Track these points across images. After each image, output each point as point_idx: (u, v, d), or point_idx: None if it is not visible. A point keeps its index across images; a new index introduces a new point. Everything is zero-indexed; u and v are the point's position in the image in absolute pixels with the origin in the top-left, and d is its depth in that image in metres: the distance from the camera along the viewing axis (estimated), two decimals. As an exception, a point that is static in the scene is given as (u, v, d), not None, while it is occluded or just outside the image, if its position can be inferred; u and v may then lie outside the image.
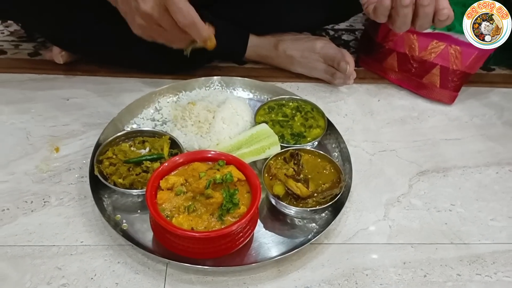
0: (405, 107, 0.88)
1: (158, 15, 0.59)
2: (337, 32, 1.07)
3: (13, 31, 1.01)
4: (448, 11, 0.62)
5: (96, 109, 0.82)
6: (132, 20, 0.61)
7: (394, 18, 0.64)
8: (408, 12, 0.62)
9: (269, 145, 0.69)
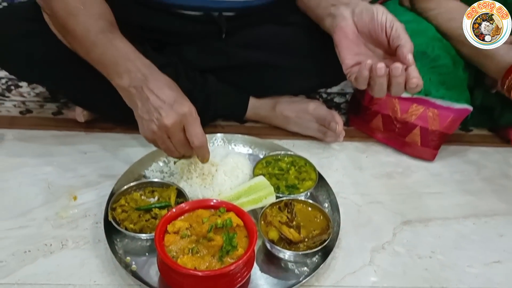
0: (391, 163, 0.96)
1: (174, 131, 0.70)
2: (329, 95, 1.18)
3: (39, 92, 1.12)
4: (417, 80, 0.69)
5: (111, 162, 0.90)
6: (147, 126, 0.72)
7: (372, 86, 0.72)
8: (383, 82, 0.70)
9: (266, 195, 0.77)
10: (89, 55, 0.75)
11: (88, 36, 0.74)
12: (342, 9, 0.76)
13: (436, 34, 0.96)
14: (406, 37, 0.71)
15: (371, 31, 0.74)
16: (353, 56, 0.75)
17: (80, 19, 0.75)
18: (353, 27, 0.75)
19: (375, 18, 0.73)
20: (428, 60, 0.94)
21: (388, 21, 0.72)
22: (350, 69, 0.75)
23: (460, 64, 0.97)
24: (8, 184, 0.84)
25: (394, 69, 0.68)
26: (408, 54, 0.69)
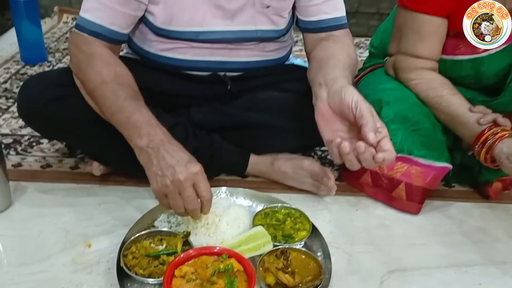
0: (379, 216, 1.04)
1: (186, 186, 0.79)
2: (324, 152, 1.28)
3: (58, 148, 1.23)
4: (383, 155, 0.74)
5: (124, 212, 0.99)
6: (161, 181, 0.80)
7: (345, 162, 0.79)
8: (351, 158, 0.77)
9: (264, 243, 0.85)
10: (114, 118, 0.86)
11: (117, 102, 0.86)
12: (322, 90, 0.85)
13: (417, 101, 1.07)
14: (369, 117, 0.76)
15: (341, 110, 0.81)
16: (330, 131, 0.83)
17: (111, 86, 0.87)
18: (328, 108, 0.83)
19: (343, 99, 0.80)
20: (410, 123, 1.04)
21: (353, 102, 0.78)
22: (328, 143, 0.83)
23: (439, 128, 1.08)
24: (30, 232, 0.93)
25: (358, 147, 0.75)
26: (369, 133, 0.74)
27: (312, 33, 1.05)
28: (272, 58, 1.11)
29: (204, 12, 0.98)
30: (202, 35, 1.00)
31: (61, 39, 2.08)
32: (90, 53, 0.91)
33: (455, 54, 1.07)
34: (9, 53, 1.85)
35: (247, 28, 1.02)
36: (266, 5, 1.00)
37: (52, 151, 1.22)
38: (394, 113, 1.04)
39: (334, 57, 0.95)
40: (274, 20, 1.03)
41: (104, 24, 0.92)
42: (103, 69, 0.89)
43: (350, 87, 0.82)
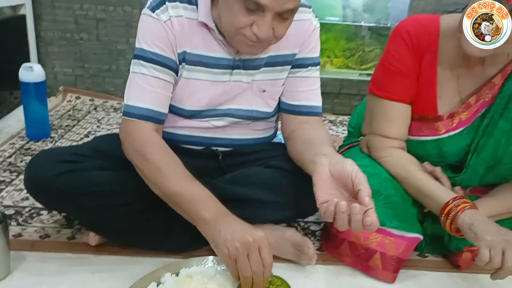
0: (357, 284, 1.10)
1: (254, 249, 0.89)
2: (306, 223, 1.36)
3: (56, 219, 1.30)
4: (371, 219, 0.85)
5: (115, 281, 1.04)
6: (230, 244, 0.90)
7: (336, 220, 0.89)
8: (344, 217, 0.86)
9: (248, 310, 0.91)
10: (178, 197, 0.99)
11: (179, 183, 0.99)
12: (322, 158, 0.97)
13: (388, 176, 1.19)
14: (366, 185, 0.88)
15: (341, 177, 0.93)
16: (325, 195, 0.93)
17: (170, 169, 1.00)
18: (328, 173, 0.94)
19: (345, 168, 0.92)
20: (382, 197, 1.15)
21: (354, 171, 0.91)
22: (322, 204, 0.92)
23: (409, 201, 1.18)
24: (27, 300, 0.98)
25: (353, 208, 0.86)
26: (366, 197, 0.86)
27: (292, 114, 1.20)
28: (260, 136, 1.25)
29: (211, 96, 1.13)
30: (205, 112, 1.15)
31: (64, 116, 2.23)
32: (143, 140, 1.04)
33: (420, 136, 1.21)
34: (15, 129, 1.97)
35: (245, 108, 1.17)
36: (263, 90, 1.17)
37: (51, 222, 1.30)
38: (368, 187, 1.15)
39: (321, 137, 1.10)
40: (268, 103, 1.19)
41: (152, 107, 1.06)
42: (159, 154, 1.02)
43: (350, 160, 0.94)
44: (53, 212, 1.34)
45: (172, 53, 1.06)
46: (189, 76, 1.11)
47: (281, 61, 1.16)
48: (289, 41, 1.11)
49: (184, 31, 1.06)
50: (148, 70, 1.05)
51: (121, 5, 2.38)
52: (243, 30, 0.97)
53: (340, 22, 2.62)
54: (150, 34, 1.05)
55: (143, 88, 1.05)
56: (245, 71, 1.13)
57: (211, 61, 1.10)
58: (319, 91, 1.22)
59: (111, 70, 2.50)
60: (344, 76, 2.54)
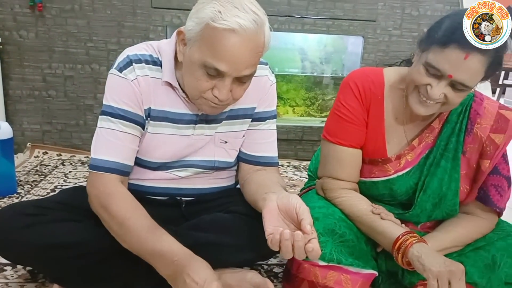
0: (317, 323, 1.15)
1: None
2: (270, 266, 1.41)
3: (20, 274, 1.30)
4: (312, 245, 0.91)
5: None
6: None
7: (281, 248, 0.95)
8: (288, 244, 0.91)
9: None
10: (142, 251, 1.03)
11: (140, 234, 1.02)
12: (271, 195, 1.04)
13: (342, 216, 1.25)
14: (308, 215, 0.96)
15: (287, 209, 1.00)
16: (273, 226, 0.99)
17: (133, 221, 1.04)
18: (276, 207, 1.02)
19: (290, 201, 1.00)
20: (337, 236, 1.20)
21: (298, 204, 0.99)
22: (269, 235, 0.98)
23: (362, 239, 1.24)
24: None
25: (295, 235, 0.93)
26: (307, 225, 0.93)
27: (250, 164, 1.28)
28: (223, 185, 1.33)
29: (176, 149, 1.20)
30: (170, 164, 1.21)
31: (31, 171, 2.24)
32: (108, 193, 1.07)
33: (371, 177, 1.30)
34: None
35: (207, 159, 1.25)
36: (225, 141, 1.25)
37: (15, 277, 1.29)
38: (323, 227, 1.21)
39: (273, 180, 1.19)
40: (229, 153, 1.27)
41: (119, 160, 1.10)
42: (123, 206, 1.06)
43: (295, 195, 1.03)
44: (17, 267, 1.34)
45: (139, 109, 1.14)
46: (155, 131, 1.18)
47: (242, 114, 1.25)
48: (248, 96, 1.19)
49: (149, 89, 1.14)
50: (116, 125, 1.11)
51: (88, 63, 2.47)
52: (205, 94, 1.06)
53: (299, 73, 2.79)
54: (118, 92, 1.12)
55: (111, 142, 1.11)
56: (207, 125, 1.22)
57: (175, 116, 1.18)
58: (275, 142, 1.32)
59: (79, 125, 2.55)
60: (305, 124, 2.67)
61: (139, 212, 1.07)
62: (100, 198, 1.08)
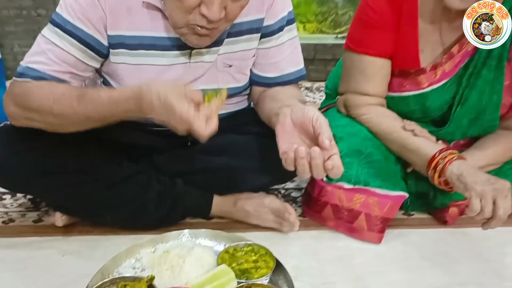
0: (342, 248, 1.06)
1: None
2: (287, 190, 1.32)
3: (21, 203, 1.22)
4: (333, 163, 0.79)
5: (88, 262, 0.97)
6: None
7: (297, 167, 0.84)
8: (304, 163, 0.81)
9: (227, 281, 0.85)
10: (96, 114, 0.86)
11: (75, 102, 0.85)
12: (285, 109, 0.91)
13: (368, 135, 1.14)
14: (326, 128, 0.84)
15: (302, 123, 0.87)
16: (287, 144, 0.87)
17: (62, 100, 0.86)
18: (290, 122, 0.89)
19: (305, 113, 0.87)
20: (363, 156, 1.10)
21: (314, 116, 0.86)
22: (283, 154, 0.87)
23: (391, 159, 1.14)
24: (-12, 290, 0.91)
25: (312, 152, 0.81)
26: (326, 139, 0.81)
27: (264, 87, 1.11)
28: (232, 110, 1.16)
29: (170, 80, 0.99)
30: None
31: (27, 98, 2.10)
32: (22, 93, 0.90)
33: (401, 91, 1.16)
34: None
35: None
36: (229, 65, 1.05)
37: (15, 206, 1.21)
38: (347, 147, 1.10)
39: (290, 94, 1.05)
40: (236, 78, 1.08)
41: (52, 74, 0.91)
42: (41, 94, 0.87)
43: (311, 106, 0.89)
44: (16, 195, 1.25)
45: (98, 32, 0.93)
46: (138, 61, 0.98)
47: (246, 29, 1.03)
48: (251, 5, 0.97)
49: (123, 9, 0.92)
50: (61, 41, 0.91)
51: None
52: (191, 16, 0.86)
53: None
54: (76, 4, 0.90)
55: (48, 57, 0.91)
56: (206, 49, 1.00)
57: (164, 42, 0.97)
58: (297, 51, 1.12)
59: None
60: (318, 41, 2.47)
61: (60, 89, 0.88)
62: (18, 102, 0.90)
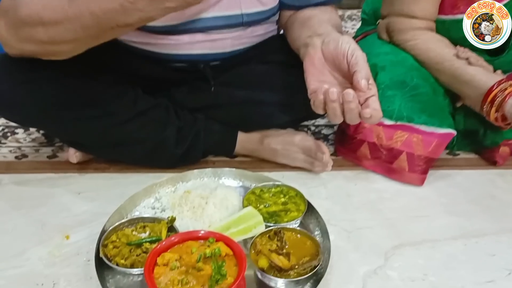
0: (379, 190, 0.97)
1: None
2: (317, 127, 1.21)
3: (35, 138, 1.15)
4: (370, 111, 0.69)
5: (104, 200, 0.92)
6: None
7: (327, 110, 0.73)
8: (335, 106, 0.71)
9: (255, 225, 0.78)
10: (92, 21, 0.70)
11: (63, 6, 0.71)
12: (315, 39, 0.79)
13: (414, 64, 1.00)
14: (364, 65, 0.72)
15: (335, 58, 0.76)
16: (317, 82, 0.76)
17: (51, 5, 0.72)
18: (320, 55, 0.78)
19: (339, 46, 0.75)
20: (408, 88, 0.97)
21: (350, 49, 0.74)
22: (312, 94, 0.76)
23: (440, 91, 1.00)
24: (3, 227, 0.86)
25: (346, 94, 0.69)
26: (362, 80, 0.70)
27: (294, 9, 0.97)
28: (259, 41, 1.03)
29: None
30: (182, 26, 0.90)
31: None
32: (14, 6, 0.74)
33: (454, 14, 0.99)
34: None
35: (232, 13, 0.92)
36: None
37: (28, 141, 1.14)
38: (390, 78, 0.97)
39: (322, 17, 0.90)
40: (262, 1, 0.94)
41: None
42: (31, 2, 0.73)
43: (347, 36, 0.76)
44: (30, 130, 1.18)
45: None
46: None
47: None
48: None
49: None
50: None
51: None
52: None
53: None
54: None
55: None
56: None
57: None
58: None
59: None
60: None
61: None
62: (8, 19, 0.75)
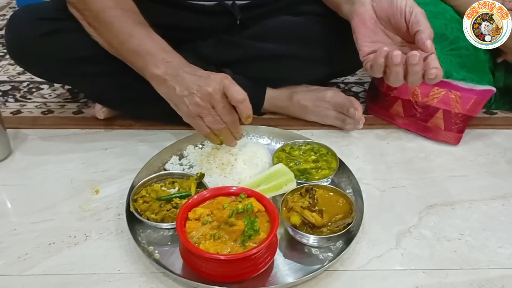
0: (413, 149, 0.94)
1: (217, 97, 0.71)
2: (347, 85, 1.16)
3: (59, 93, 1.14)
4: (436, 71, 0.66)
5: (131, 157, 0.91)
6: (190, 101, 0.73)
7: (388, 74, 0.70)
8: (399, 70, 0.68)
9: (286, 182, 0.76)
10: (124, 46, 0.77)
11: (125, 29, 0.76)
12: None
13: (455, 16, 0.94)
14: (426, 23, 0.68)
15: (390, 16, 0.72)
16: (370, 44, 0.73)
17: (116, 12, 0.77)
18: (372, 13, 0.73)
19: (394, 3, 0.71)
20: (447, 42, 0.92)
21: (408, 6, 0.70)
22: (366, 56, 0.73)
23: (480, 46, 0.95)
24: (32, 181, 0.86)
25: (411, 57, 0.65)
26: (427, 40, 0.67)
27: None
28: None
29: None
30: None
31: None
32: None
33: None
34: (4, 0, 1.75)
35: None
36: None
37: (53, 96, 1.13)
38: (429, 31, 0.92)
39: None
40: None
41: None
42: None
43: None
44: (54, 86, 1.17)
45: None
46: None
47: None
48: None
49: None
50: None
51: None
52: None
53: None
54: None
55: None
56: None
57: None
58: None
59: None
60: None
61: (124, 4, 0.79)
62: None
